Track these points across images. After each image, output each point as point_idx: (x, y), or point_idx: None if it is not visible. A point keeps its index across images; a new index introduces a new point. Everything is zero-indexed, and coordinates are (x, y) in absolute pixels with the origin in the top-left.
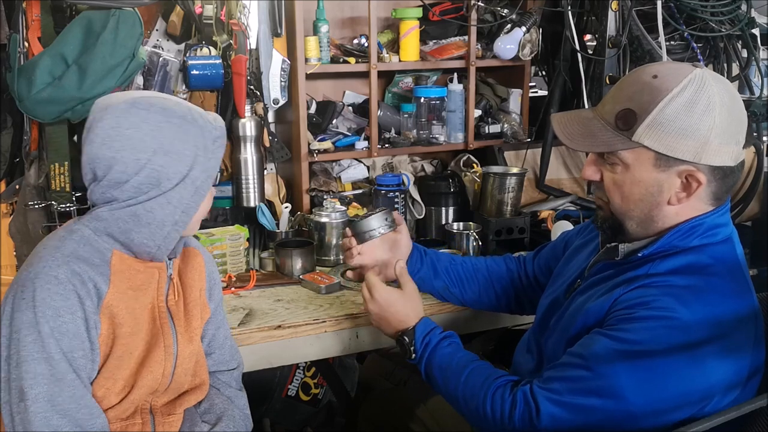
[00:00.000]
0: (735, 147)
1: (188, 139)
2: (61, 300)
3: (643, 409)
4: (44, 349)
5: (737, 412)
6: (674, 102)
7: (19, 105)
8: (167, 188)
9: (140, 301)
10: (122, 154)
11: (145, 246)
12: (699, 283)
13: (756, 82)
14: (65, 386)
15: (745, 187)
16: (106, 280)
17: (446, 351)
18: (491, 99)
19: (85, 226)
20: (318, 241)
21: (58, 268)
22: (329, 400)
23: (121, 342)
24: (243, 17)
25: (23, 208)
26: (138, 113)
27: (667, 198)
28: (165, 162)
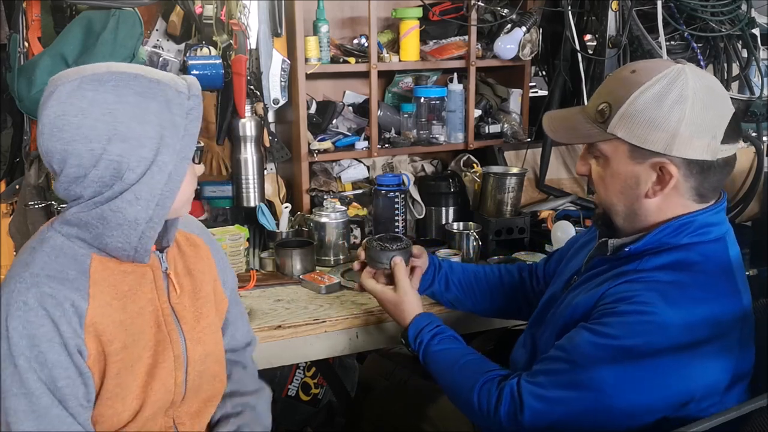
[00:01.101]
0: (711, 141)
1: (149, 118)
2: (33, 328)
3: (621, 405)
4: (23, 384)
5: (737, 412)
6: (645, 94)
7: (19, 105)
8: (133, 180)
9: (129, 310)
10: (74, 146)
11: (122, 250)
12: (684, 279)
13: (756, 82)
14: (51, 421)
15: (745, 187)
16: (84, 296)
17: (437, 348)
18: (491, 99)
19: (57, 232)
20: (318, 241)
21: (27, 291)
22: (329, 400)
23: (115, 359)
24: (243, 17)
25: (23, 208)
26: (85, 95)
27: (645, 191)
28: (123, 150)
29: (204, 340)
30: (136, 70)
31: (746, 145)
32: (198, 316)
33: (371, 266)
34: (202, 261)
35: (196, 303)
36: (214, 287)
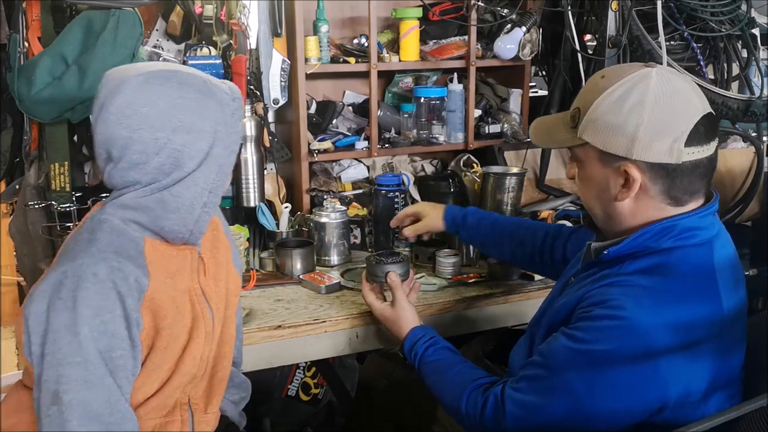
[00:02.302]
0: (673, 144)
1: (208, 114)
2: (100, 299)
3: (596, 410)
4: (81, 352)
5: (737, 412)
6: (607, 99)
7: (19, 105)
8: (191, 169)
9: (178, 288)
10: (139, 134)
11: (177, 232)
12: (659, 284)
13: (756, 82)
14: (101, 391)
15: (745, 187)
16: (145, 273)
17: (431, 359)
18: (491, 99)
19: (111, 215)
20: (318, 241)
21: (96, 264)
22: (329, 400)
23: (165, 333)
24: (243, 17)
25: (23, 208)
26: (153, 88)
27: (615, 194)
28: (186, 141)
29: (232, 319)
30: (192, 71)
31: (746, 145)
32: (219, 297)
33: (369, 280)
34: (222, 243)
35: (218, 285)
36: (230, 268)
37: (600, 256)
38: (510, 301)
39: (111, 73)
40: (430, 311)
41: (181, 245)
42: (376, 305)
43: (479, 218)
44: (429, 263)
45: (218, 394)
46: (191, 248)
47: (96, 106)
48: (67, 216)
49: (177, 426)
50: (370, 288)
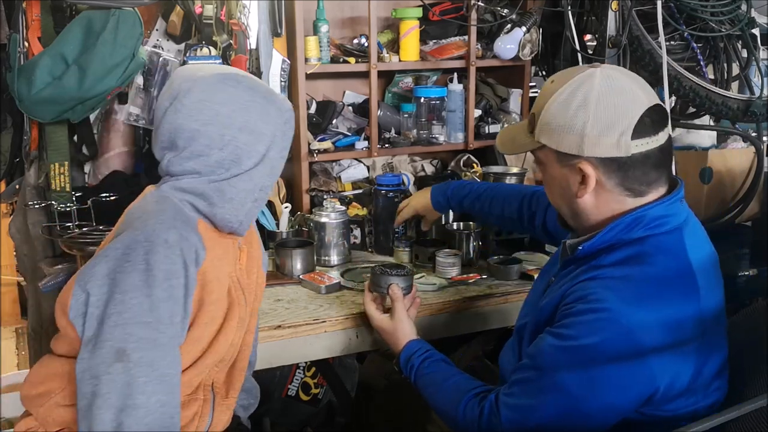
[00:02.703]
0: (620, 138)
1: (270, 119)
2: (170, 264)
3: (590, 404)
4: (153, 313)
5: (737, 412)
6: (556, 101)
7: (19, 105)
8: (248, 167)
9: (223, 270)
10: (208, 128)
11: (227, 221)
12: (635, 272)
13: (756, 82)
14: (167, 352)
15: (745, 187)
16: (203, 246)
17: (426, 371)
18: (491, 99)
19: (169, 195)
20: (318, 241)
21: (167, 231)
22: (329, 400)
23: (208, 309)
24: (243, 17)
25: (23, 208)
26: (226, 89)
27: (575, 192)
28: (249, 140)
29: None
30: (254, 77)
31: (746, 145)
32: (250, 288)
33: (372, 290)
34: (255, 240)
35: (249, 277)
36: (259, 264)
37: (575, 253)
38: (510, 301)
39: (184, 69)
40: (430, 311)
41: (226, 234)
42: (376, 316)
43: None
44: (429, 263)
45: (238, 382)
46: (234, 238)
47: (167, 98)
48: (67, 216)
49: (199, 404)
50: (372, 298)
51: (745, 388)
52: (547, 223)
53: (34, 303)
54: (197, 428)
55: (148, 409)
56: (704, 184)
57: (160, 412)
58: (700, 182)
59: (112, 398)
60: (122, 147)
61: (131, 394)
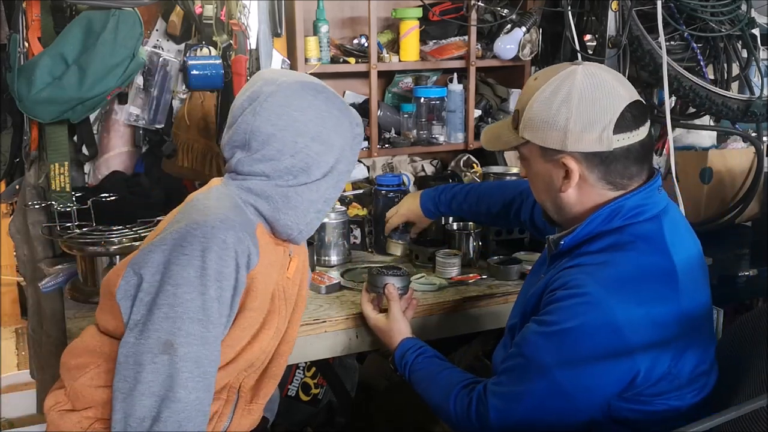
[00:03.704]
0: (602, 133)
1: (342, 132)
2: (223, 265)
3: (573, 387)
4: (205, 311)
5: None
6: (539, 98)
7: (19, 105)
8: (316, 177)
9: (272, 277)
10: (283, 134)
11: (288, 228)
12: (614, 258)
13: (756, 82)
14: (212, 350)
15: (745, 187)
16: (257, 252)
17: (419, 366)
18: (491, 99)
19: (234, 194)
20: (318, 241)
21: (226, 231)
22: (329, 400)
23: (248, 314)
24: (243, 17)
25: (23, 208)
26: (306, 97)
27: (559, 186)
28: (320, 150)
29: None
30: (331, 89)
31: (746, 145)
32: (292, 298)
33: (369, 290)
34: (303, 250)
35: (294, 286)
36: (306, 276)
37: (559, 247)
38: (510, 301)
39: (266, 73)
40: (430, 311)
41: (281, 241)
42: (372, 316)
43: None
44: (429, 263)
45: (267, 390)
46: (286, 246)
47: (246, 98)
48: (67, 216)
49: (220, 404)
50: (369, 299)
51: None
52: (535, 218)
53: (34, 303)
54: (215, 427)
55: (186, 404)
56: (704, 184)
57: (196, 409)
58: (700, 182)
59: (155, 387)
60: (122, 147)
61: (173, 388)
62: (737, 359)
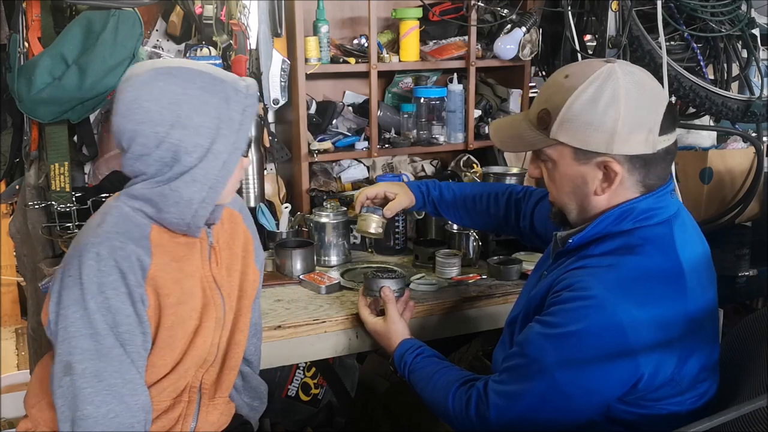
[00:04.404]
0: (648, 135)
1: (207, 111)
2: (103, 276)
3: (574, 389)
4: (91, 324)
5: (737, 412)
6: (580, 98)
7: (19, 105)
8: (190, 164)
9: (185, 271)
10: (142, 127)
11: (177, 225)
12: (622, 261)
13: (756, 82)
14: (111, 361)
15: (745, 187)
16: (148, 253)
17: (419, 366)
18: (491, 99)
19: (123, 203)
20: (318, 241)
21: (100, 244)
22: (329, 400)
23: (169, 312)
24: (243, 17)
25: (23, 208)
26: (157, 85)
27: (593, 189)
28: (182, 135)
29: (234, 308)
30: (203, 68)
31: (746, 145)
32: (232, 287)
33: (365, 294)
34: (240, 236)
35: (231, 275)
36: (250, 261)
37: (566, 245)
38: (510, 302)
39: (130, 68)
40: (430, 311)
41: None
42: (369, 319)
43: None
44: (429, 263)
45: (228, 381)
46: (201, 237)
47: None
48: (67, 216)
49: (183, 406)
50: (365, 303)
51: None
52: (535, 224)
53: (34, 303)
54: (182, 429)
55: (97, 419)
56: (704, 184)
57: (112, 422)
58: (700, 182)
59: (66, 411)
60: None
61: (79, 406)
62: (737, 363)
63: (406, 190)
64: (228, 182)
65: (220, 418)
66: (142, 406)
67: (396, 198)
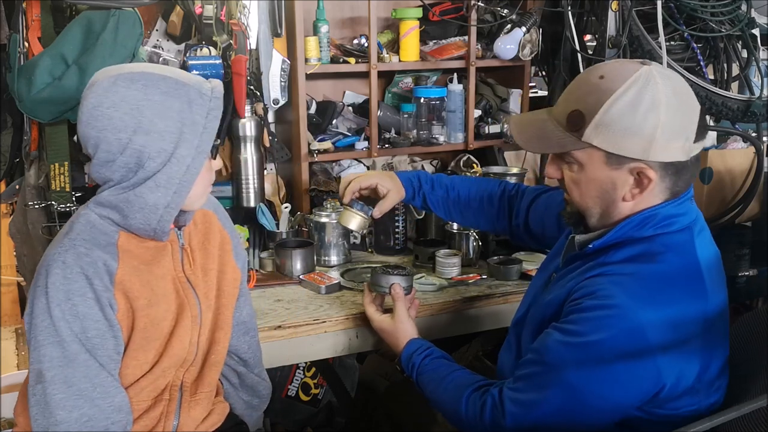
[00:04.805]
0: (684, 142)
1: (171, 116)
2: (69, 283)
3: (594, 399)
4: (56, 332)
5: (737, 412)
6: (618, 102)
7: (19, 105)
8: (153, 169)
9: (155, 274)
10: (105, 134)
11: (143, 230)
12: (644, 270)
13: (756, 82)
14: (78, 367)
15: (745, 187)
16: (114, 257)
17: (428, 368)
18: (491, 99)
19: (90, 210)
20: (318, 241)
21: (65, 252)
22: (329, 400)
23: (142, 314)
24: (243, 17)
25: (23, 208)
26: (118, 91)
27: (622, 194)
28: (145, 141)
29: (213, 307)
30: (166, 72)
31: (746, 145)
32: (209, 287)
33: (372, 290)
34: (215, 236)
35: (207, 274)
36: (228, 259)
37: (585, 249)
38: (510, 302)
39: (95, 74)
40: (430, 311)
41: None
42: (376, 317)
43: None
44: (429, 263)
45: (209, 377)
46: (171, 240)
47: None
48: (67, 216)
49: (164, 405)
50: (371, 299)
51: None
52: (530, 223)
53: None
54: (164, 428)
55: (69, 424)
56: (704, 184)
57: (87, 426)
58: (700, 182)
59: (40, 419)
60: None
61: (51, 412)
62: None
63: (398, 185)
64: (193, 186)
65: (203, 414)
66: (118, 407)
67: (387, 195)
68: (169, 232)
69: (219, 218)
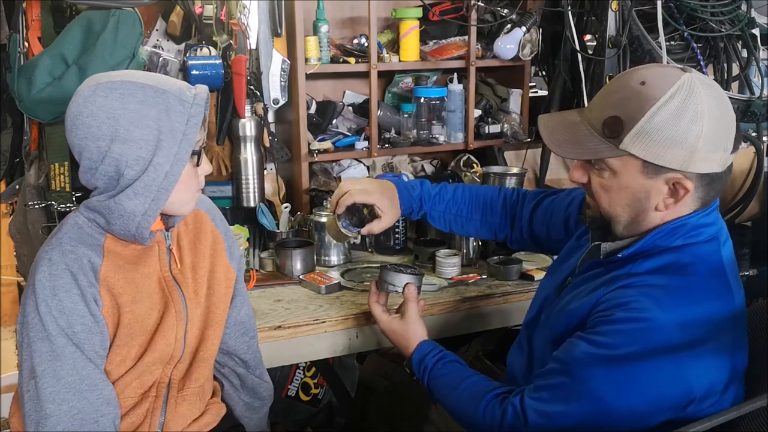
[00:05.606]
0: (723, 154)
1: (147, 124)
2: (54, 279)
3: (623, 412)
4: (44, 328)
5: (737, 412)
6: (662, 111)
7: (19, 105)
8: (132, 177)
9: (141, 272)
10: (86, 143)
11: (123, 235)
12: (676, 282)
13: (756, 82)
14: (65, 360)
15: (745, 187)
16: (99, 255)
17: (441, 372)
18: (491, 99)
19: (80, 214)
20: (318, 241)
21: (52, 251)
22: (329, 400)
23: (126, 311)
24: (243, 17)
25: (23, 208)
26: (96, 101)
27: (655, 204)
28: (123, 150)
29: (203, 304)
30: (147, 80)
31: (746, 145)
32: (198, 286)
33: (380, 287)
34: (207, 236)
35: (197, 274)
36: (220, 259)
37: (611, 257)
38: (510, 301)
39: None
40: (430, 311)
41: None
42: (384, 318)
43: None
44: (429, 263)
45: (196, 373)
46: (158, 241)
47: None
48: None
49: (150, 401)
50: (377, 299)
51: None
52: (534, 228)
53: None
54: (150, 425)
55: (59, 416)
56: None
57: (77, 419)
58: None
59: (32, 414)
60: None
61: (42, 406)
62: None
63: (395, 209)
64: (175, 192)
65: (207, 417)
66: (106, 399)
67: (382, 219)
68: (149, 237)
69: (212, 219)
